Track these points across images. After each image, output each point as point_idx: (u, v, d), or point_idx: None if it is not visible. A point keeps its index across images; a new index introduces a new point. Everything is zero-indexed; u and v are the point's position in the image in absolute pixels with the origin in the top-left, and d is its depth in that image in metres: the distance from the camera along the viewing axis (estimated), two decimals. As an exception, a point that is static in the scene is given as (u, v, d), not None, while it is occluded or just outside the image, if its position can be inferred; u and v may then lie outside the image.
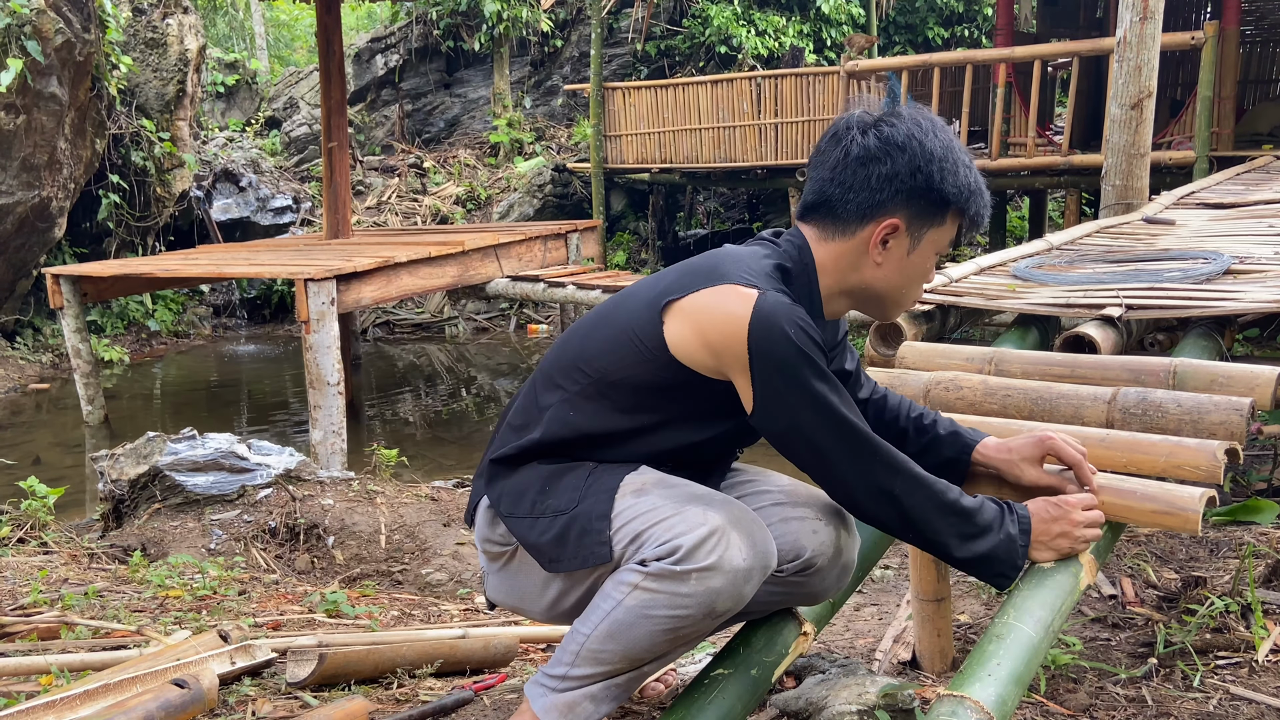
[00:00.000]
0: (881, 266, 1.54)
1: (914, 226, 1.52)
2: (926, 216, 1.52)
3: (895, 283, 1.57)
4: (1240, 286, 2.78)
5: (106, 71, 9.49)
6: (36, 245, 9.34)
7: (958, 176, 1.51)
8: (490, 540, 1.61)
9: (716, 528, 1.40)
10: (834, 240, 1.54)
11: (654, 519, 1.43)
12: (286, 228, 12.45)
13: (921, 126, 1.51)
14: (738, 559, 1.40)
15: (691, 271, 1.51)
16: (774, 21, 14.16)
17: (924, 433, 1.72)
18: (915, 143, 1.49)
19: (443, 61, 15.04)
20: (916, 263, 1.56)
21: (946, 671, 2.31)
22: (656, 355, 1.47)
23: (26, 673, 2.20)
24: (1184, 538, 3.00)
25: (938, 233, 1.55)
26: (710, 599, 1.40)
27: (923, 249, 1.55)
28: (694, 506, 1.43)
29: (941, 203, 1.51)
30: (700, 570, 1.38)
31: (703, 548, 1.39)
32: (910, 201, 1.50)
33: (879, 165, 1.49)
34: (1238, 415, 1.80)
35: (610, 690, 1.49)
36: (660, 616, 1.40)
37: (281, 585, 3.46)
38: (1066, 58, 8.67)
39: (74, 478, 6.38)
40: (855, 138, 1.51)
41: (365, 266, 6.74)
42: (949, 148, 1.51)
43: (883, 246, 1.53)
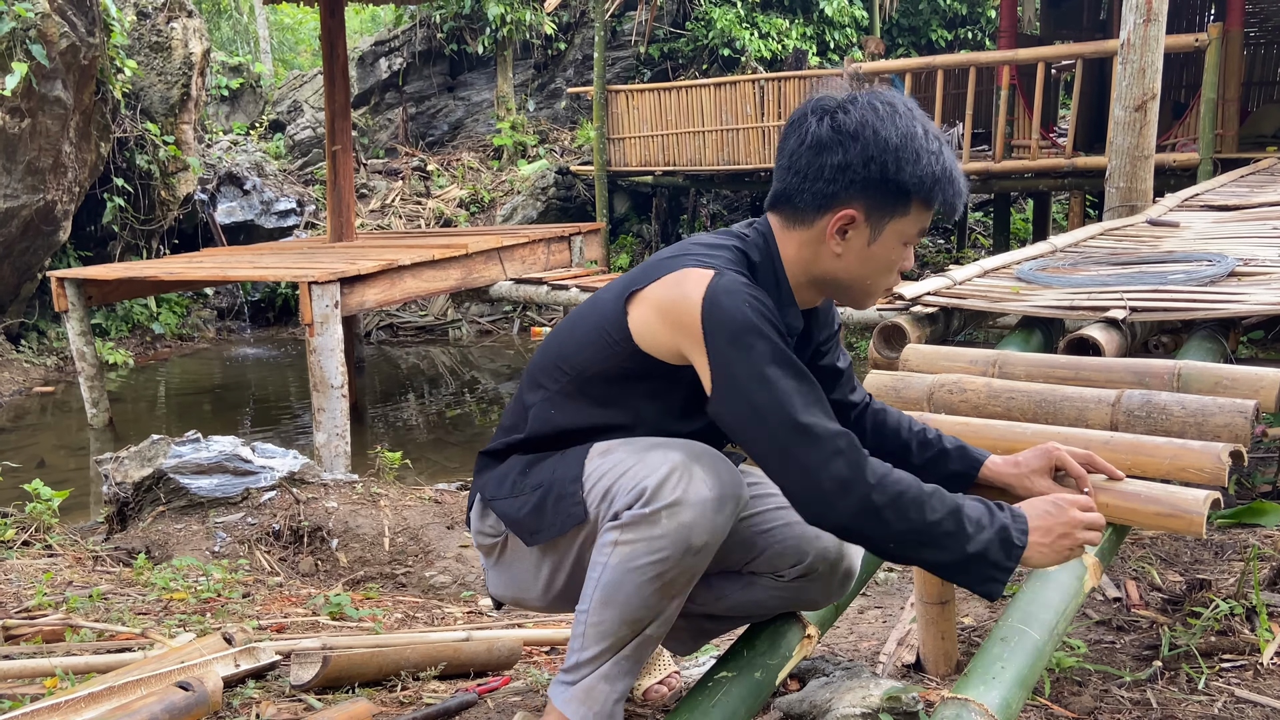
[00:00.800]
0: (842, 257, 1.50)
1: (874, 217, 1.47)
2: (886, 207, 1.47)
3: (858, 273, 1.52)
4: (1244, 289, 2.78)
5: (111, 75, 9.52)
6: (41, 248, 9.36)
7: (918, 165, 1.44)
8: (482, 532, 1.65)
9: (677, 464, 1.41)
10: (795, 229, 1.52)
11: (619, 471, 1.45)
12: (290, 231, 12.47)
13: (878, 112, 1.45)
14: (703, 489, 1.40)
15: (655, 261, 1.52)
16: (777, 24, 14.16)
17: (928, 447, 1.70)
18: (869, 131, 1.43)
19: (446, 65, 15.06)
20: (879, 253, 1.50)
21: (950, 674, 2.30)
22: (623, 346, 1.49)
23: (31, 675, 2.20)
24: (1189, 540, 2.99)
25: (901, 223, 1.49)
26: (685, 534, 1.39)
27: (885, 239, 1.49)
28: (655, 452, 1.44)
29: (900, 193, 1.45)
30: (668, 507, 1.39)
31: (666, 485, 1.40)
32: (866, 192, 1.45)
33: (831, 154, 1.45)
34: (1242, 417, 1.80)
35: (620, 665, 1.49)
36: (643, 565, 1.41)
37: (285, 588, 3.46)
38: (1070, 60, 8.67)
39: (78, 481, 6.39)
40: (811, 125, 1.47)
41: (369, 269, 6.75)
42: (908, 135, 1.44)
43: (841, 237, 1.49)
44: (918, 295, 2.91)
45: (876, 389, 2.24)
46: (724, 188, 12.75)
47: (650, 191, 13.34)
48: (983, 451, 1.71)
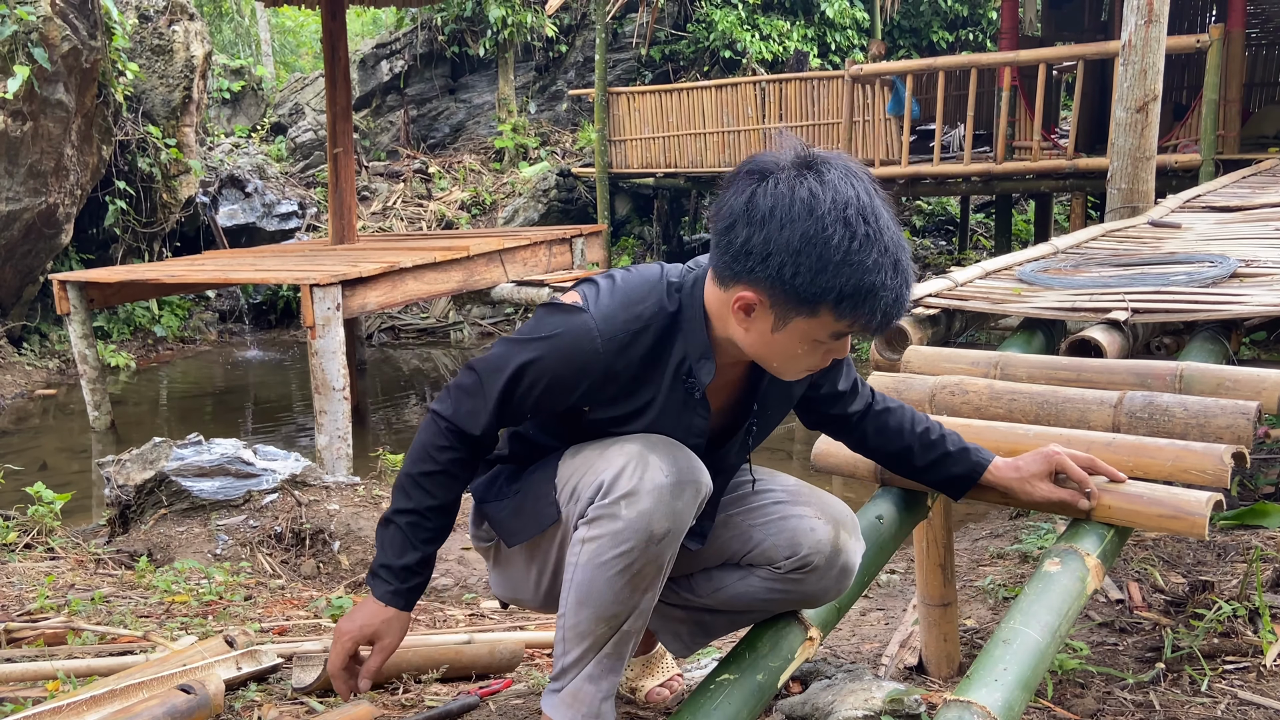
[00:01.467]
0: (749, 333, 1.39)
1: (777, 309, 1.33)
2: (790, 305, 1.32)
3: (763, 354, 1.42)
4: (1246, 290, 2.77)
5: (113, 78, 9.53)
6: (43, 251, 9.37)
7: (821, 277, 1.27)
8: (478, 536, 1.71)
9: (632, 455, 1.43)
10: (715, 287, 1.42)
11: (584, 469, 1.48)
12: (292, 233, 12.48)
13: (796, 202, 1.27)
14: (659, 476, 1.41)
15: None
16: (778, 26, 14.17)
17: (931, 448, 1.71)
18: (776, 222, 1.28)
19: (448, 67, 15.08)
20: (783, 342, 1.37)
21: (953, 676, 2.30)
22: None
23: (33, 678, 2.20)
24: (1191, 542, 2.99)
25: (808, 324, 1.33)
26: (645, 523, 1.40)
27: (789, 333, 1.35)
28: (614, 447, 1.46)
29: (806, 299, 1.30)
30: (625, 497, 1.40)
31: (622, 476, 1.41)
32: (770, 285, 1.31)
33: (738, 232, 1.31)
34: (1244, 419, 1.80)
35: (602, 663, 1.50)
36: (610, 559, 1.42)
37: (287, 590, 3.46)
38: (1071, 61, 8.68)
39: (80, 483, 6.39)
40: (738, 189, 1.33)
41: (370, 272, 6.75)
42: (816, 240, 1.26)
43: (745, 314, 1.37)
44: (919, 297, 2.91)
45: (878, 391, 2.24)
46: (725, 189, 12.74)
47: (652, 193, 13.34)
48: (988, 454, 1.71)
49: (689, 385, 1.48)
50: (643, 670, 1.98)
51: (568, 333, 1.43)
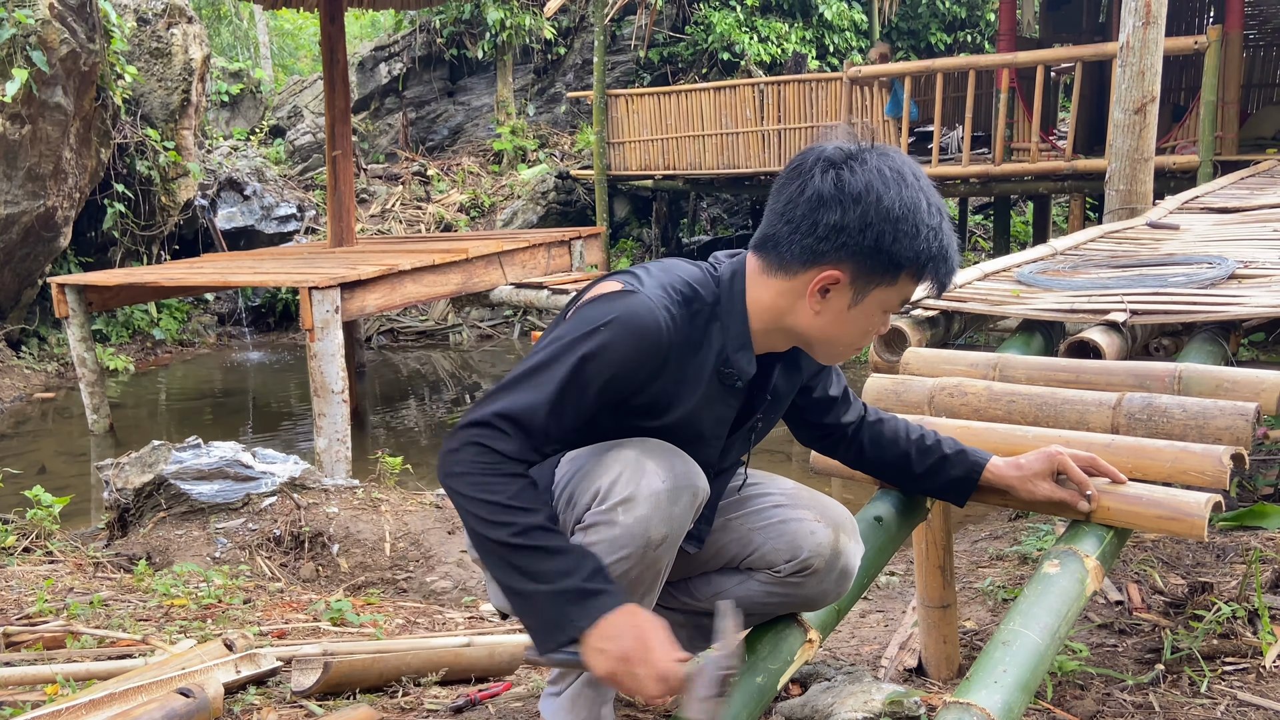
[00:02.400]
0: (819, 315, 1.45)
1: (859, 282, 1.42)
2: (874, 275, 1.41)
3: (831, 334, 1.47)
4: (1245, 291, 2.77)
5: (111, 81, 9.53)
6: (42, 255, 9.37)
7: (915, 240, 1.39)
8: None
9: (628, 461, 1.41)
10: (774, 277, 1.46)
11: (580, 475, 1.46)
12: (291, 236, 12.48)
13: (885, 177, 1.39)
14: (656, 483, 1.39)
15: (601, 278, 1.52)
16: (777, 28, 14.18)
17: (928, 453, 1.72)
18: (873, 196, 1.37)
19: (446, 69, 15.09)
20: (857, 318, 1.45)
21: (952, 678, 2.30)
22: None
23: (32, 682, 2.20)
24: (1190, 543, 2.99)
25: (885, 292, 1.43)
26: (643, 529, 1.39)
27: (866, 306, 1.44)
28: (610, 452, 1.44)
29: (892, 264, 1.40)
30: (622, 503, 1.39)
31: (618, 483, 1.39)
32: (856, 257, 1.39)
33: (829, 212, 1.38)
34: (1243, 420, 1.80)
35: None
36: (607, 565, 1.39)
37: (286, 593, 3.46)
38: (1070, 63, 8.68)
39: (79, 487, 6.39)
40: (814, 176, 1.41)
41: (369, 274, 6.75)
42: (911, 207, 1.38)
43: (821, 296, 1.43)
44: (918, 298, 2.90)
45: (877, 392, 2.24)
46: (724, 191, 12.76)
47: (650, 195, 13.35)
48: (984, 454, 1.71)
49: (727, 374, 1.48)
50: (642, 672, 1.98)
51: (629, 315, 1.36)
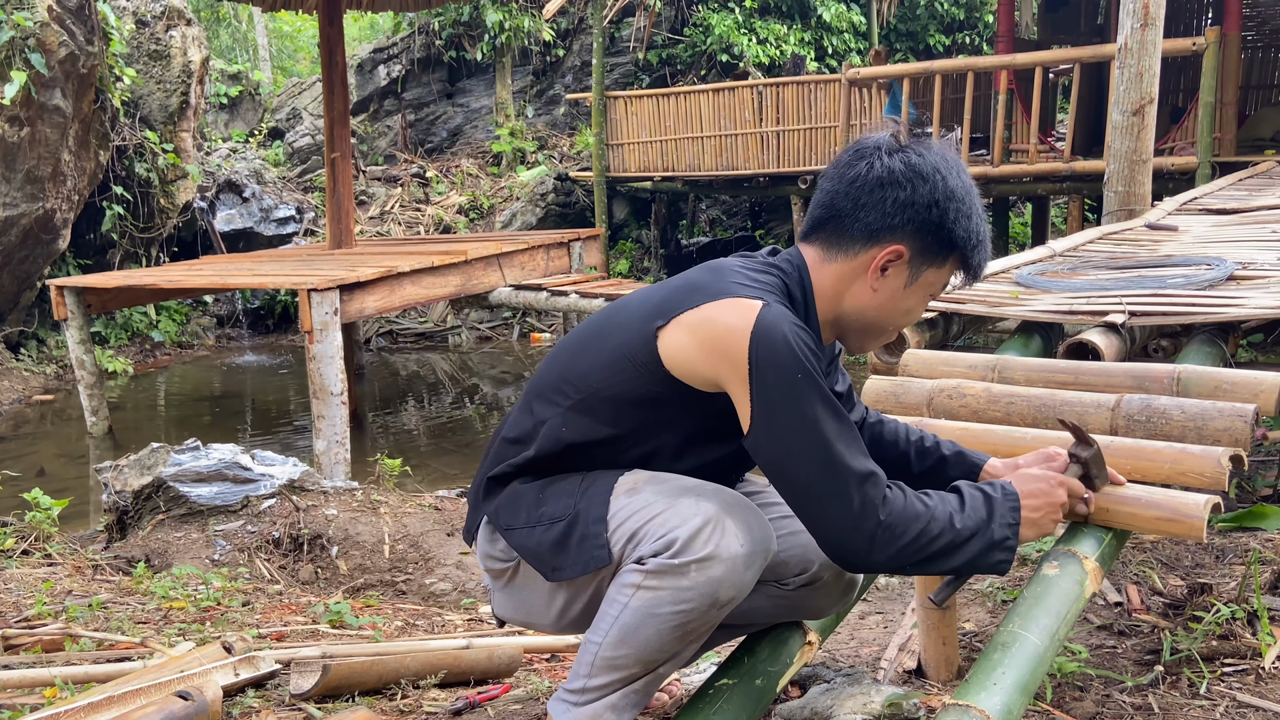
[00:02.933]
0: (877, 293, 1.51)
1: (916, 260, 1.49)
2: (930, 254, 1.50)
3: (885, 312, 1.53)
4: (1244, 292, 2.78)
5: (110, 84, 9.53)
6: (41, 257, 9.37)
7: (970, 222, 1.49)
8: (491, 557, 1.60)
9: (710, 517, 1.39)
10: (835, 261, 1.51)
11: (648, 515, 1.42)
12: (290, 238, 12.48)
13: (948, 162, 1.49)
14: (735, 546, 1.38)
15: (690, 286, 1.47)
16: (775, 30, 14.19)
17: (926, 455, 1.71)
18: (939, 176, 1.46)
19: (445, 71, 15.09)
20: (909, 296, 1.53)
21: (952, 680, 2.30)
22: (652, 370, 1.44)
23: (31, 685, 2.20)
24: (1189, 544, 2.99)
25: (936, 274, 1.52)
26: (712, 589, 1.38)
27: (918, 286, 1.52)
28: (686, 499, 1.41)
29: (948, 244, 1.49)
30: (698, 561, 1.37)
31: (698, 538, 1.37)
32: (919, 234, 1.47)
33: (898, 190, 1.46)
34: (1242, 421, 1.80)
35: (629, 697, 1.48)
36: (666, 614, 1.39)
37: (285, 596, 3.45)
38: (1068, 64, 8.68)
39: (78, 489, 6.38)
40: (880, 158, 1.47)
41: (368, 276, 6.75)
42: (969, 191, 1.49)
43: (881, 273, 1.49)
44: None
45: (876, 394, 2.24)
46: (723, 193, 12.77)
47: (649, 197, 13.35)
48: (981, 455, 1.72)
49: None
50: (641, 675, 1.97)
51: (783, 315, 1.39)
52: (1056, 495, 1.52)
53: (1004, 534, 1.46)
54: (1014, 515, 1.47)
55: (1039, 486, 1.52)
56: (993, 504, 1.47)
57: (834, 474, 1.37)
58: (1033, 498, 1.50)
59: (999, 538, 1.45)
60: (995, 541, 1.45)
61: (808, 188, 11.11)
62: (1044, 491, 1.51)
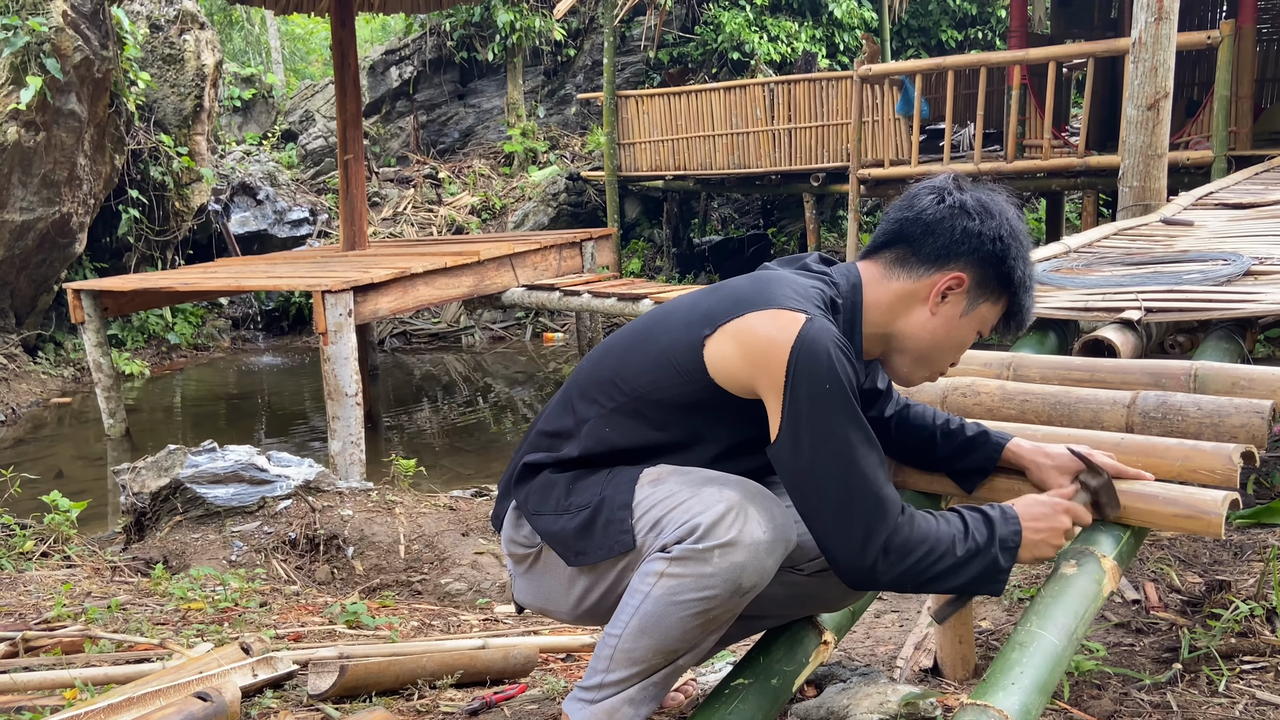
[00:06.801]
0: (934, 318, 1.55)
1: (974, 291, 1.55)
2: (987, 287, 1.56)
3: (939, 339, 1.57)
4: (1261, 287, 2.76)
5: (125, 88, 9.59)
6: (57, 260, 9.43)
7: (1026, 266, 1.56)
8: (516, 541, 1.63)
9: (733, 504, 1.41)
10: (897, 279, 1.56)
11: (672, 504, 1.44)
12: (303, 240, 12.53)
13: (1011, 212, 1.57)
14: (758, 532, 1.41)
15: (737, 296, 1.49)
16: (786, 27, 14.16)
17: (952, 438, 1.74)
18: (1005, 216, 1.55)
19: (457, 72, 15.12)
20: (963, 327, 1.58)
21: (969, 679, 2.29)
22: (697, 377, 1.47)
23: (51, 686, 2.21)
24: (1207, 541, 2.97)
25: (989, 309, 1.58)
26: (735, 575, 1.40)
27: (972, 318, 1.57)
28: (709, 487, 1.44)
29: (1005, 281, 1.55)
30: (722, 546, 1.39)
31: (721, 524, 1.39)
32: (981, 265, 1.54)
33: (968, 219, 1.53)
34: (1259, 418, 1.79)
35: (647, 690, 1.49)
36: (688, 600, 1.40)
37: (302, 596, 3.47)
38: (1081, 59, 8.64)
39: (96, 491, 6.43)
40: (954, 192, 1.55)
41: (382, 278, 6.77)
42: (1028, 237, 1.57)
43: (942, 299, 1.55)
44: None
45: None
46: (735, 191, 12.75)
47: (661, 196, 13.34)
48: (1003, 436, 1.74)
49: None
50: (657, 674, 1.98)
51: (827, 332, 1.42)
52: (1059, 521, 1.53)
53: (1003, 557, 1.49)
54: (1014, 539, 1.50)
55: (1042, 510, 1.53)
56: (993, 527, 1.50)
57: (850, 494, 1.40)
58: (1035, 520, 1.52)
59: (997, 560, 1.48)
60: (994, 563, 1.48)
61: (819, 185, 11.09)
62: (1046, 515, 1.53)
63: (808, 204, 11.33)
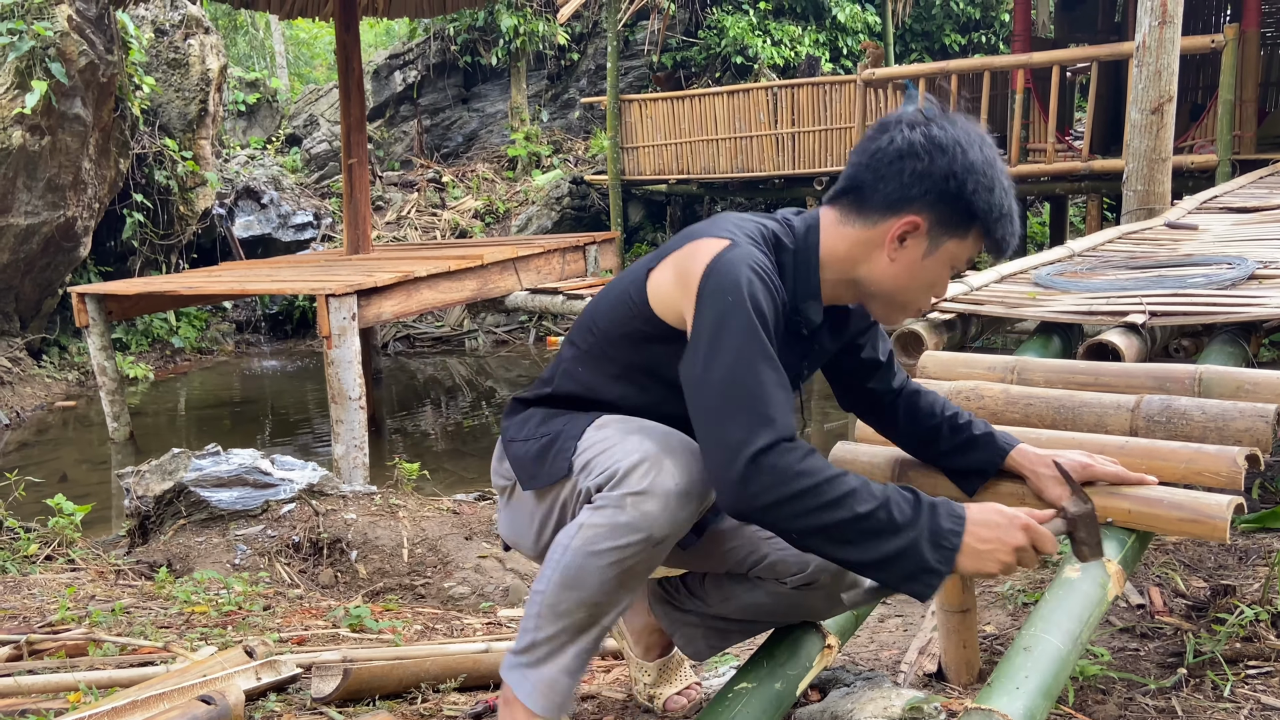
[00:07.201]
0: (894, 263, 1.51)
1: (935, 231, 1.50)
2: (950, 226, 1.49)
3: (902, 283, 1.53)
4: (1265, 291, 2.75)
5: (130, 92, 9.61)
6: (62, 264, 9.45)
7: (991, 195, 1.48)
8: (498, 473, 1.71)
9: (649, 454, 1.43)
10: (852, 225, 1.53)
11: (601, 448, 1.48)
12: (307, 244, 12.55)
13: (969, 135, 1.49)
14: (669, 483, 1.41)
15: (687, 233, 1.55)
16: (790, 31, 14.17)
17: (958, 431, 1.73)
18: (959, 148, 1.47)
19: (460, 77, 15.14)
20: (929, 268, 1.52)
21: (973, 683, 2.29)
22: (641, 311, 1.53)
23: (55, 690, 2.22)
24: (1212, 545, 2.97)
25: (958, 246, 1.52)
26: (648, 525, 1.41)
27: (939, 257, 1.52)
28: (634, 436, 1.47)
29: (968, 215, 1.48)
30: (634, 495, 1.41)
31: (635, 472, 1.42)
32: (937, 205, 1.48)
33: (916, 161, 1.47)
34: (1263, 422, 1.79)
35: (580, 658, 1.52)
36: (605, 550, 1.42)
37: (305, 600, 3.47)
38: (1085, 63, 8.64)
39: (100, 494, 6.43)
40: (902, 131, 1.49)
41: (385, 281, 6.78)
42: (990, 163, 1.48)
43: (899, 243, 1.50)
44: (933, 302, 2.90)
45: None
46: (738, 195, 12.75)
47: (664, 200, 13.35)
48: (1011, 440, 1.72)
49: (795, 322, 1.53)
50: (660, 677, 1.98)
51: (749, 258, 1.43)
52: (1013, 536, 1.38)
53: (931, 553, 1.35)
54: (952, 539, 1.37)
55: (996, 519, 1.39)
56: (923, 512, 1.36)
57: (729, 400, 1.36)
58: (983, 527, 1.38)
59: (921, 551, 1.35)
60: (917, 553, 1.34)
61: (823, 189, 11.09)
62: (999, 526, 1.38)
63: (811, 208, 11.31)
